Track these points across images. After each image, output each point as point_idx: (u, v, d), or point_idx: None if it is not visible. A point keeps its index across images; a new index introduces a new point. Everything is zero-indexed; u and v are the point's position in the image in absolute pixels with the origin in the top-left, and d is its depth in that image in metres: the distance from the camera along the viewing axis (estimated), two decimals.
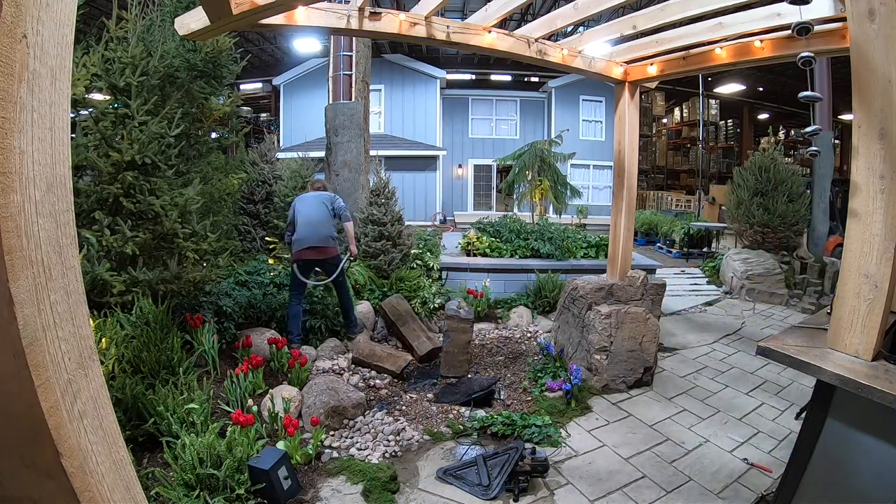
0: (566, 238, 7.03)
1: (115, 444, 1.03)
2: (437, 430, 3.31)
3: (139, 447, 2.69)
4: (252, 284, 4.61)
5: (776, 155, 8.29)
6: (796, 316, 6.20)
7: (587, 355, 3.97)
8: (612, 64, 3.95)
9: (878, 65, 1.66)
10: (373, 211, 6.20)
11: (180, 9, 4.15)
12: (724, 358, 4.70)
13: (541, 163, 9.55)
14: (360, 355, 4.19)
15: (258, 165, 6.51)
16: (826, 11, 2.61)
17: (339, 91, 7.09)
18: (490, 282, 6.04)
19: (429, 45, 3.49)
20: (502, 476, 2.66)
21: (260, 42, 17.25)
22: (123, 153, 3.28)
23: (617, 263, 4.26)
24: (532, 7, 13.13)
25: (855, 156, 1.76)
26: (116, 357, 2.92)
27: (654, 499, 2.63)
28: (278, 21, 2.70)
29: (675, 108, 21.79)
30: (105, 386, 1.03)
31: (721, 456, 3.04)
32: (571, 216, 13.73)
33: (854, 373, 1.66)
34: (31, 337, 0.84)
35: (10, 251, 0.80)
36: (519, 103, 18.03)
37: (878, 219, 1.70)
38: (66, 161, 0.92)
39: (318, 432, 3.00)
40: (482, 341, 4.99)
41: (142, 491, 1.11)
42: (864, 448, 1.73)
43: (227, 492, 2.34)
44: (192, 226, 3.67)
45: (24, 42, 0.81)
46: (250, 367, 3.37)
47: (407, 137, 16.00)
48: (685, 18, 3.11)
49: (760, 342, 1.97)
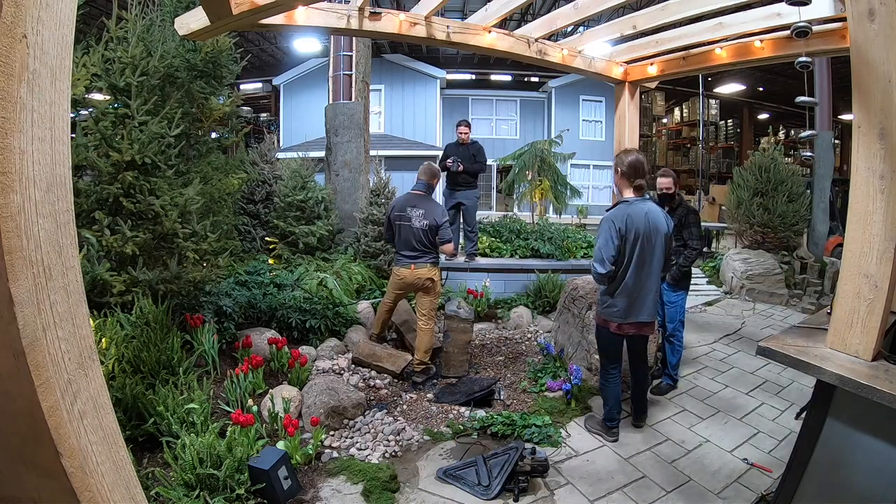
0: (566, 238, 7.03)
1: (115, 444, 1.03)
2: (437, 430, 3.31)
3: (139, 447, 2.69)
4: (252, 284, 4.61)
5: (776, 155, 8.29)
6: (796, 316, 6.20)
7: (587, 355, 3.97)
8: (612, 64, 3.95)
9: (878, 65, 1.66)
10: (373, 211, 6.19)
11: (180, 9, 4.15)
12: (724, 358, 4.70)
13: (541, 163, 9.55)
14: (360, 355, 4.19)
15: (258, 165, 6.51)
16: (826, 11, 2.61)
17: (339, 91, 7.09)
18: (490, 282, 6.04)
19: (429, 45, 3.49)
20: (502, 476, 2.65)
21: (260, 42, 17.25)
22: (123, 153, 3.28)
23: None
24: (532, 7, 13.13)
25: (855, 156, 1.76)
26: (116, 357, 2.92)
27: (654, 499, 2.63)
28: (278, 21, 2.71)
29: (675, 108, 21.81)
30: (105, 386, 1.03)
31: (721, 456, 3.04)
32: (571, 216, 13.74)
33: (854, 373, 1.66)
34: (31, 337, 0.84)
35: (10, 251, 0.80)
36: (519, 103, 18.05)
37: (878, 219, 1.70)
38: (66, 161, 0.92)
39: (318, 432, 3.00)
40: (482, 341, 4.99)
41: (142, 491, 1.11)
42: (864, 448, 1.74)
43: (227, 492, 2.34)
44: (192, 226, 3.67)
45: (24, 42, 0.81)
46: (250, 367, 3.37)
47: (407, 137, 16.01)
48: (685, 18, 3.11)
49: (760, 342, 1.97)
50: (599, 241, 2.93)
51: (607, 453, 3.06)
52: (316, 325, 4.43)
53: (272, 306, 4.36)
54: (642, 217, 2.88)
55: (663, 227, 2.93)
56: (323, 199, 6.25)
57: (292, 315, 4.35)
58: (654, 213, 2.92)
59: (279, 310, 4.36)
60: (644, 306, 2.97)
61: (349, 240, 6.41)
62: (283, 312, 4.35)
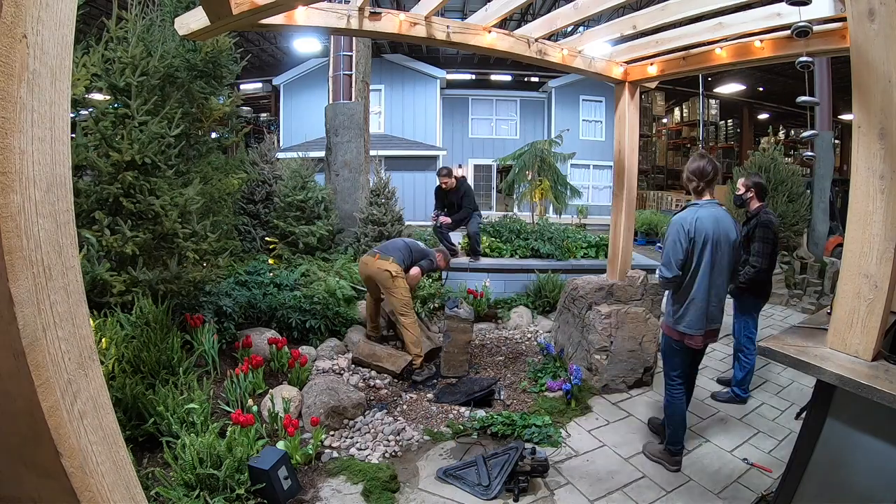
0: (566, 238, 7.03)
1: (115, 444, 1.03)
2: (437, 430, 3.31)
3: (139, 447, 2.69)
4: (252, 284, 4.61)
5: (776, 155, 8.29)
6: (796, 316, 6.20)
7: (587, 355, 3.97)
8: (612, 64, 3.95)
9: (878, 65, 1.66)
10: (373, 211, 6.20)
11: (180, 9, 4.15)
12: (724, 358, 4.70)
13: (541, 163, 9.53)
14: (360, 355, 4.19)
15: (258, 165, 6.51)
16: (826, 11, 2.60)
17: (339, 91, 7.10)
18: (490, 282, 6.04)
19: (429, 45, 3.49)
20: (502, 476, 2.65)
21: (260, 42, 17.26)
22: (123, 153, 3.28)
23: (617, 263, 4.25)
24: (532, 7, 13.13)
25: (855, 156, 1.76)
26: (116, 357, 2.92)
27: (654, 499, 2.64)
28: (278, 21, 2.70)
29: (675, 108, 21.82)
30: (105, 386, 1.03)
31: (721, 456, 3.04)
32: (571, 216, 13.73)
33: (854, 373, 1.66)
34: (31, 337, 0.84)
35: (10, 251, 0.80)
36: (519, 103, 18.05)
37: (878, 219, 1.70)
38: (66, 161, 0.92)
39: (318, 432, 3.00)
40: (482, 341, 4.99)
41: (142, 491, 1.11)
42: (864, 448, 1.74)
43: (227, 492, 2.35)
44: (192, 226, 3.67)
45: (24, 42, 0.81)
46: (250, 367, 3.37)
47: (407, 137, 16.02)
48: (685, 18, 3.10)
49: (760, 342, 1.97)
50: (667, 244, 2.77)
51: (607, 453, 3.06)
52: (316, 325, 4.44)
53: (272, 306, 4.36)
54: (712, 221, 2.71)
55: (733, 234, 2.75)
56: (323, 199, 6.25)
57: (292, 315, 4.35)
58: (724, 219, 2.75)
59: (279, 310, 4.36)
60: (713, 314, 2.81)
61: (349, 240, 6.41)
62: (283, 312, 4.35)
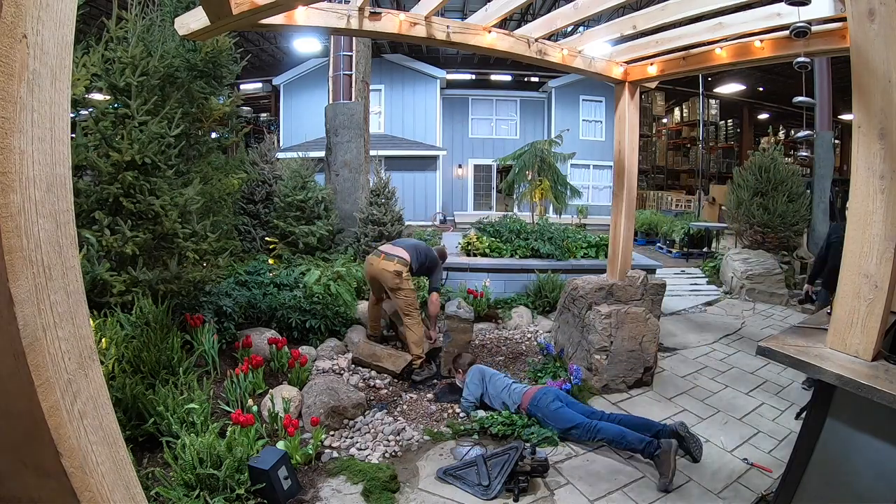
0: (566, 238, 7.03)
1: (115, 444, 1.03)
2: (437, 430, 3.31)
3: (139, 447, 2.69)
4: (252, 284, 4.61)
5: (776, 155, 8.29)
6: (796, 316, 6.20)
7: (587, 355, 3.97)
8: (612, 64, 3.95)
9: (878, 65, 1.66)
10: (373, 211, 6.20)
11: (180, 9, 4.15)
12: (724, 358, 4.70)
13: (541, 163, 9.55)
14: (360, 355, 4.19)
15: (258, 165, 6.51)
16: (826, 11, 2.61)
17: (339, 91, 7.10)
18: (490, 282, 6.04)
19: (429, 45, 3.49)
20: (502, 476, 2.65)
21: (260, 42, 17.25)
22: (123, 153, 3.28)
23: (617, 263, 4.25)
24: (532, 7, 13.13)
25: (855, 156, 1.76)
26: (116, 357, 2.92)
27: (654, 499, 2.63)
28: (278, 21, 2.70)
29: (675, 108, 21.80)
30: (105, 386, 1.03)
31: (721, 456, 3.04)
32: (571, 216, 13.74)
33: (854, 373, 1.66)
34: (31, 337, 0.84)
35: (10, 251, 0.80)
36: (519, 103, 18.03)
37: (878, 219, 1.70)
38: (66, 161, 0.92)
39: (318, 432, 3.00)
40: (482, 341, 4.99)
41: (142, 491, 1.11)
42: (864, 448, 1.74)
43: (227, 492, 2.35)
44: (192, 226, 3.67)
45: (24, 42, 0.81)
46: (250, 367, 3.37)
47: (407, 137, 16.01)
48: (685, 18, 3.10)
49: (760, 342, 1.97)
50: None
51: (607, 453, 3.06)
52: (316, 325, 4.44)
53: (272, 306, 4.36)
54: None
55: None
56: (323, 199, 6.25)
57: (292, 315, 4.35)
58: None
59: (279, 310, 4.36)
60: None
61: (349, 240, 6.41)
62: (283, 312, 4.35)
